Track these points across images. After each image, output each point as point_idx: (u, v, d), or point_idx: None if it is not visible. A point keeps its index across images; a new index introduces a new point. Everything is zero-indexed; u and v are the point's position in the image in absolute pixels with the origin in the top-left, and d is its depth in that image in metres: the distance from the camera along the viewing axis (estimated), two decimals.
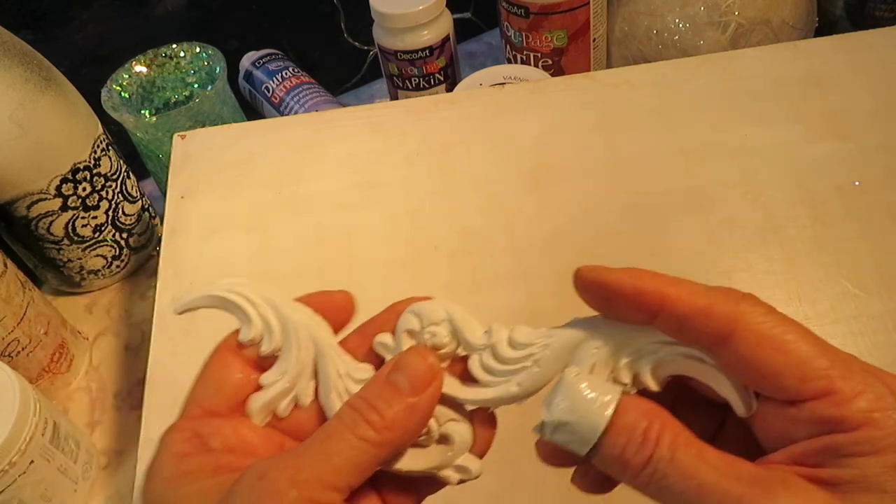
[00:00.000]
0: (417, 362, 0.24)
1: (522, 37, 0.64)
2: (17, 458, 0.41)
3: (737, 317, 0.21)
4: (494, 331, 0.25)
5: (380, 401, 0.23)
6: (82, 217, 0.55)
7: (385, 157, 0.49)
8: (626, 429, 0.21)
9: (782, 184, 0.45)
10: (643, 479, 0.21)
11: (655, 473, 0.21)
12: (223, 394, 0.25)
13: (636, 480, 0.21)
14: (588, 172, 0.47)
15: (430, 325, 0.25)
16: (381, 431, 0.22)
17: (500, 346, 0.25)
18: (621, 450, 0.21)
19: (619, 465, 0.21)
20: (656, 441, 0.21)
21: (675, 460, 0.21)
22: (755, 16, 0.60)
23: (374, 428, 0.22)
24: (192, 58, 0.62)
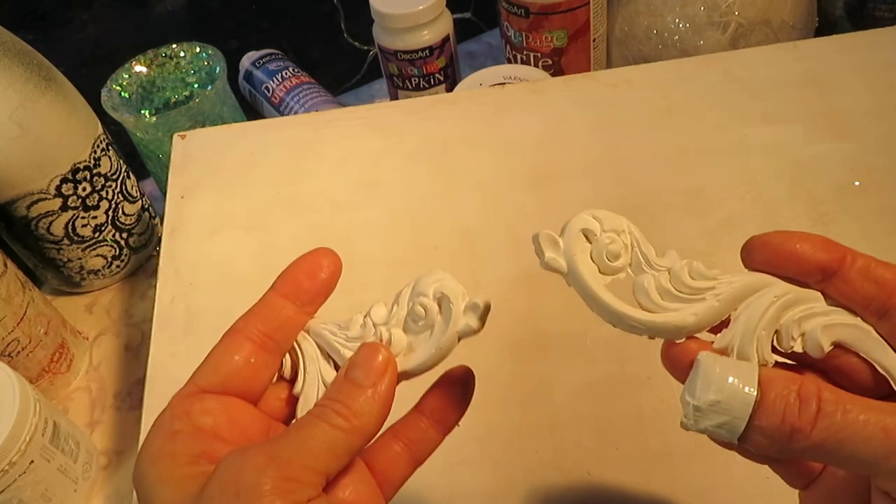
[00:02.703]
0: (370, 358, 0.25)
1: (522, 37, 0.64)
2: (17, 458, 0.41)
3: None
4: (672, 256, 0.24)
5: (341, 394, 0.24)
6: (82, 217, 0.55)
7: (385, 157, 0.49)
8: (780, 394, 0.21)
9: (782, 184, 0.45)
10: (816, 438, 0.20)
11: (831, 427, 0.20)
12: (219, 372, 0.25)
13: (808, 441, 0.21)
14: (588, 172, 0.47)
15: (610, 231, 0.25)
16: (349, 419, 0.23)
17: (681, 271, 0.24)
18: (782, 416, 0.21)
19: (784, 431, 0.21)
20: (817, 397, 0.21)
21: (848, 411, 0.20)
22: (755, 16, 0.60)
23: (343, 416, 0.23)
24: (192, 58, 0.62)
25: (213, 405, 0.25)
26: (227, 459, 0.22)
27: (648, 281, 0.24)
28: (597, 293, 0.24)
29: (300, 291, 0.27)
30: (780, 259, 0.24)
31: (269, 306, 0.27)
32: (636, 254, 0.25)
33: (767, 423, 0.21)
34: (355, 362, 0.25)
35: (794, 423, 0.21)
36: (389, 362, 0.25)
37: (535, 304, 0.42)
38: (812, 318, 0.23)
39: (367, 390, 0.24)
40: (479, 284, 0.43)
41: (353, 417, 0.23)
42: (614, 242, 0.24)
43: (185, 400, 0.25)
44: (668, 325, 0.24)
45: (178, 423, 0.24)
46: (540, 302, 0.42)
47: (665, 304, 0.24)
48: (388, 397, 0.25)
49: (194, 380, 0.25)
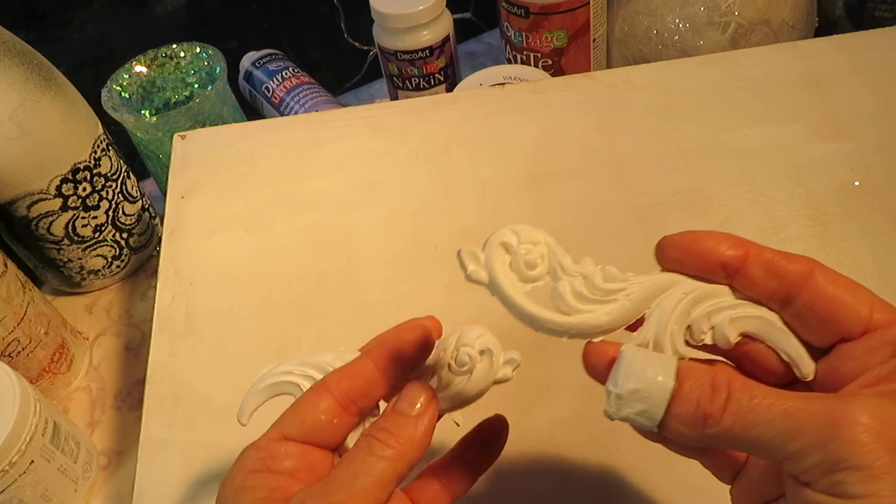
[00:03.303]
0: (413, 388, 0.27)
1: (522, 37, 0.64)
2: (17, 458, 0.41)
3: (814, 264, 0.24)
4: (587, 263, 0.26)
5: (388, 423, 0.26)
6: (82, 217, 0.55)
7: (385, 157, 0.49)
8: (696, 384, 0.23)
9: (782, 184, 0.45)
10: (726, 423, 0.22)
11: (739, 412, 0.22)
12: (304, 427, 0.27)
13: (718, 427, 0.22)
14: (588, 172, 0.47)
15: (526, 243, 0.26)
16: (394, 446, 0.25)
17: (594, 276, 0.25)
18: (696, 403, 0.22)
19: (698, 418, 0.22)
20: (728, 385, 0.22)
21: (755, 397, 0.22)
22: (755, 16, 0.60)
23: (388, 445, 0.25)
24: (192, 58, 0.62)
25: (294, 451, 0.27)
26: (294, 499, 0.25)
27: (564, 286, 0.26)
28: (515, 300, 0.26)
29: (391, 368, 0.28)
30: (689, 257, 0.26)
31: (361, 373, 0.28)
32: (553, 262, 0.26)
33: (683, 410, 0.23)
34: (401, 396, 0.27)
35: (707, 409, 0.22)
36: (433, 397, 0.27)
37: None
38: (720, 311, 0.25)
39: (411, 418, 0.26)
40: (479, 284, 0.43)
41: (398, 444, 0.25)
42: (530, 253, 0.26)
43: (270, 443, 0.27)
44: (582, 325, 0.25)
45: (258, 464, 0.26)
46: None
47: (580, 306, 0.25)
48: (431, 427, 0.27)
49: (280, 426, 0.27)
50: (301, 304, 0.43)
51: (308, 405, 0.27)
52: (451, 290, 0.43)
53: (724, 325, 0.25)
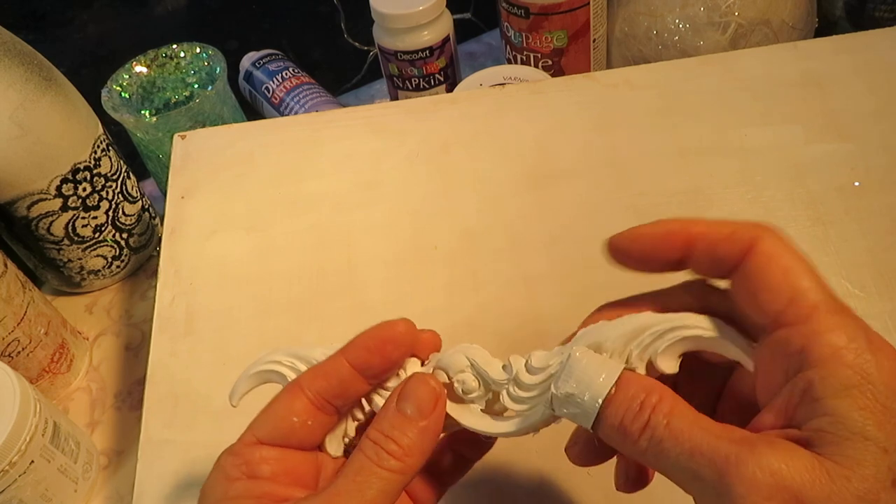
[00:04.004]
0: (421, 389, 0.26)
1: (522, 37, 0.64)
2: (17, 459, 0.41)
3: (755, 240, 0.23)
4: (512, 362, 0.27)
5: (395, 431, 0.25)
6: (82, 217, 0.55)
7: (385, 157, 0.49)
8: (625, 399, 0.23)
9: (782, 184, 0.45)
10: (641, 445, 0.22)
11: (653, 438, 0.22)
12: (277, 430, 0.26)
13: (635, 447, 0.22)
14: (588, 173, 0.47)
15: (457, 374, 0.27)
16: (401, 459, 0.25)
17: (520, 375, 0.26)
18: (621, 419, 0.23)
19: (619, 433, 0.23)
20: (653, 409, 0.22)
21: (671, 426, 0.22)
22: (755, 16, 0.60)
23: (396, 457, 0.25)
24: (192, 58, 0.62)
25: (271, 455, 0.26)
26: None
27: (504, 397, 0.27)
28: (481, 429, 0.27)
29: (369, 367, 0.27)
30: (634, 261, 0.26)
31: (335, 372, 0.27)
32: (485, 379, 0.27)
33: (608, 423, 0.23)
34: (406, 393, 0.26)
35: (626, 427, 0.23)
36: (441, 395, 0.26)
37: (534, 304, 0.42)
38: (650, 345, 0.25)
39: (418, 424, 0.25)
40: (479, 284, 0.43)
41: (406, 457, 0.25)
42: (465, 383, 0.27)
43: (245, 448, 0.26)
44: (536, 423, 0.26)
45: (237, 471, 0.25)
46: (539, 302, 0.42)
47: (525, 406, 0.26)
48: (438, 432, 0.26)
49: (253, 430, 0.26)
50: (301, 304, 0.43)
51: (280, 407, 0.27)
52: (451, 291, 0.43)
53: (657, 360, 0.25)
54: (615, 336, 0.25)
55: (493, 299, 0.43)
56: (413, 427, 0.25)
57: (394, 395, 0.26)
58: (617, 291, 0.28)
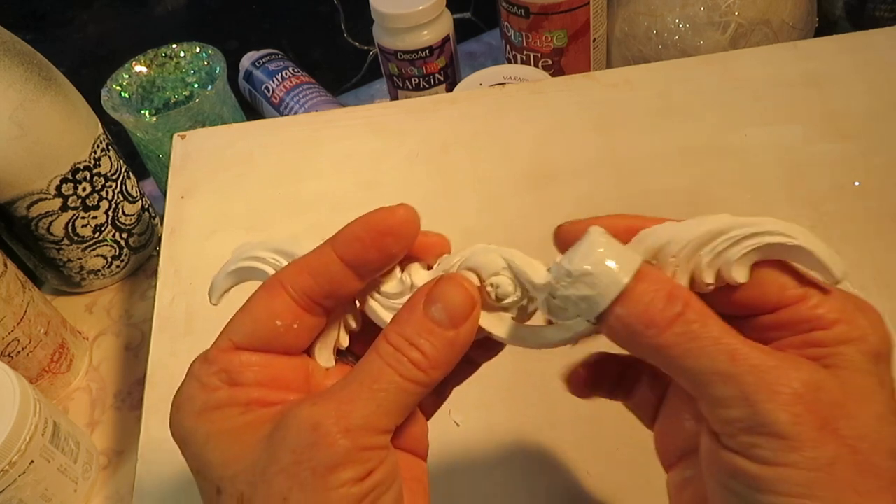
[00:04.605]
0: (455, 292, 0.23)
1: (522, 37, 0.64)
2: (17, 458, 0.41)
3: None
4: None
5: (420, 338, 0.22)
6: (82, 217, 0.55)
7: (385, 157, 0.49)
8: (652, 287, 0.21)
9: (782, 184, 0.45)
10: (668, 337, 0.20)
11: (686, 333, 0.20)
12: (256, 336, 0.23)
13: (658, 339, 0.20)
14: (588, 172, 0.47)
15: (491, 277, 0.24)
16: (426, 371, 0.22)
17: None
18: (645, 306, 0.20)
19: (641, 322, 0.20)
20: (685, 301, 0.21)
21: (708, 325, 0.20)
22: (755, 16, 0.60)
23: (420, 367, 0.22)
24: (192, 58, 0.62)
25: (254, 360, 0.23)
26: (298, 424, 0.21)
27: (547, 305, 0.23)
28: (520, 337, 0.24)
29: (363, 262, 0.23)
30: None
31: (324, 268, 0.23)
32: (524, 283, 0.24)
33: (629, 310, 0.21)
34: (436, 295, 0.22)
35: (654, 316, 0.20)
36: (477, 302, 0.23)
37: None
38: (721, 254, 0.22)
39: (447, 333, 0.22)
40: None
41: (431, 369, 0.22)
42: (499, 287, 0.23)
43: (220, 355, 0.23)
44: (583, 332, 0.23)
45: (215, 379, 0.22)
46: None
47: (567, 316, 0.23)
48: (469, 343, 0.23)
49: (229, 335, 0.23)
50: None
51: (260, 308, 0.23)
52: None
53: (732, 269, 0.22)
54: (686, 238, 0.22)
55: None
56: (442, 336, 0.22)
57: (420, 294, 0.23)
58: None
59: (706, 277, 0.22)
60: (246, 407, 0.22)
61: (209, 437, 0.22)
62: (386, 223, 0.23)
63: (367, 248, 0.23)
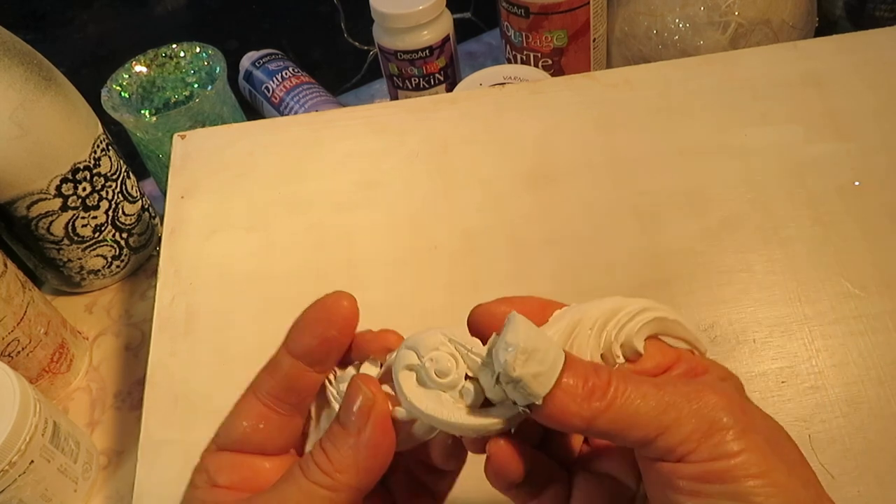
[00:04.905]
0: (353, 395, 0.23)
1: (522, 37, 0.64)
2: (17, 458, 0.41)
3: None
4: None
5: (328, 443, 0.23)
6: (82, 217, 0.55)
7: (385, 157, 0.49)
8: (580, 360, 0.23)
9: (782, 184, 0.45)
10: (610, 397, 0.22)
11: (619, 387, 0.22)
12: (230, 437, 0.25)
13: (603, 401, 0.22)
14: (588, 172, 0.47)
15: (429, 352, 0.23)
16: (330, 474, 0.22)
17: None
18: (584, 376, 0.22)
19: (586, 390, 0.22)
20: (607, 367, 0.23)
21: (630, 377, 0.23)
22: (755, 16, 0.60)
23: (324, 471, 0.22)
24: (192, 58, 0.62)
25: (227, 462, 0.25)
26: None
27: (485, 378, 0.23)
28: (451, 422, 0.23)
29: (309, 353, 0.25)
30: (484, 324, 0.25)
31: (278, 367, 0.25)
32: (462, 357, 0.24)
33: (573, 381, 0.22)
34: (344, 401, 0.24)
35: (594, 381, 0.22)
36: (374, 402, 0.23)
37: None
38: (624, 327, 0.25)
39: (350, 438, 0.23)
40: (479, 284, 0.43)
41: (336, 473, 0.22)
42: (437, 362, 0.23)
43: (207, 457, 0.25)
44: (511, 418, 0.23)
45: (198, 478, 0.25)
46: None
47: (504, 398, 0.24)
48: (378, 447, 0.23)
49: (215, 438, 0.25)
50: (301, 305, 0.43)
51: (234, 412, 0.25)
52: (451, 291, 0.43)
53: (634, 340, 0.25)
54: (596, 315, 0.25)
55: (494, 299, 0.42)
56: (345, 441, 0.23)
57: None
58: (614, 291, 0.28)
59: (615, 350, 0.25)
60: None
61: None
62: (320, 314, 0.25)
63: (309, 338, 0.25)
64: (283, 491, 0.23)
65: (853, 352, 0.39)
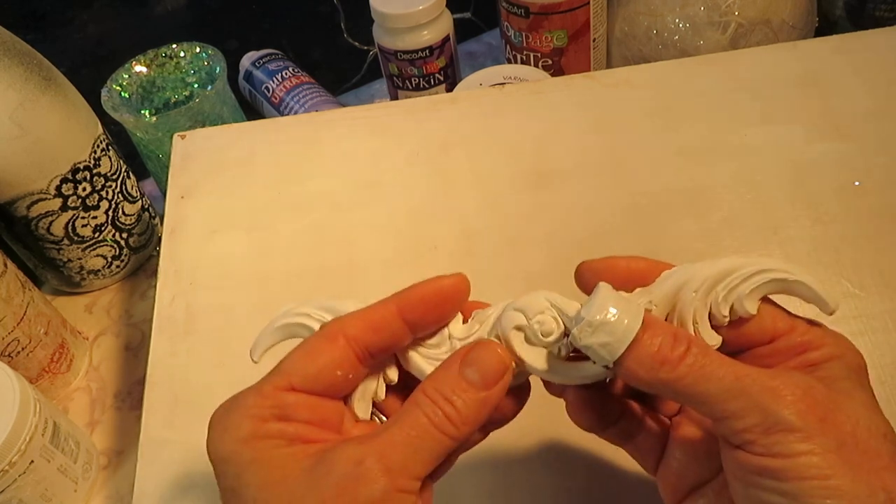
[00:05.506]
0: (489, 357, 0.25)
1: (522, 37, 0.64)
2: (17, 458, 0.41)
3: None
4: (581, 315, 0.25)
5: (454, 395, 0.24)
6: (82, 217, 0.55)
7: (385, 157, 0.49)
8: (659, 331, 0.24)
9: (782, 184, 0.45)
10: (680, 371, 0.23)
11: (693, 364, 0.23)
12: (317, 381, 0.25)
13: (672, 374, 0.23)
14: (588, 172, 0.47)
15: (536, 315, 0.26)
16: (458, 426, 0.24)
17: None
18: (657, 347, 0.24)
19: (655, 361, 0.24)
20: (688, 340, 0.24)
21: (708, 355, 0.24)
22: (755, 16, 0.60)
23: (453, 422, 0.24)
24: (192, 58, 0.62)
25: (309, 402, 0.25)
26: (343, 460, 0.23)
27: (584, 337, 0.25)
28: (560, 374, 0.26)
29: (422, 322, 0.26)
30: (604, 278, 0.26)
31: (387, 324, 0.26)
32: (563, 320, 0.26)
33: (643, 352, 0.24)
34: (472, 359, 0.25)
35: (666, 354, 0.24)
36: (508, 368, 0.25)
37: None
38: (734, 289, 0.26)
39: (479, 393, 0.24)
40: (479, 284, 0.43)
41: (463, 425, 0.24)
42: (543, 324, 0.26)
43: (276, 392, 0.24)
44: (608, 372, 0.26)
45: (269, 412, 0.24)
46: None
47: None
48: (497, 404, 0.25)
49: (288, 373, 0.25)
50: None
51: (323, 357, 0.25)
52: None
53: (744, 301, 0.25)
54: (704, 276, 0.25)
55: (493, 299, 0.42)
56: (474, 395, 0.24)
57: (457, 356, 0.25)
58: None
59: (723, 310, 0.25)
60: (290, 441, 0.24)
61: (252, 462, 0.23)
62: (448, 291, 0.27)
63: (430, 310, 0.26)
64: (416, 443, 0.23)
65: None
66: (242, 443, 0.24)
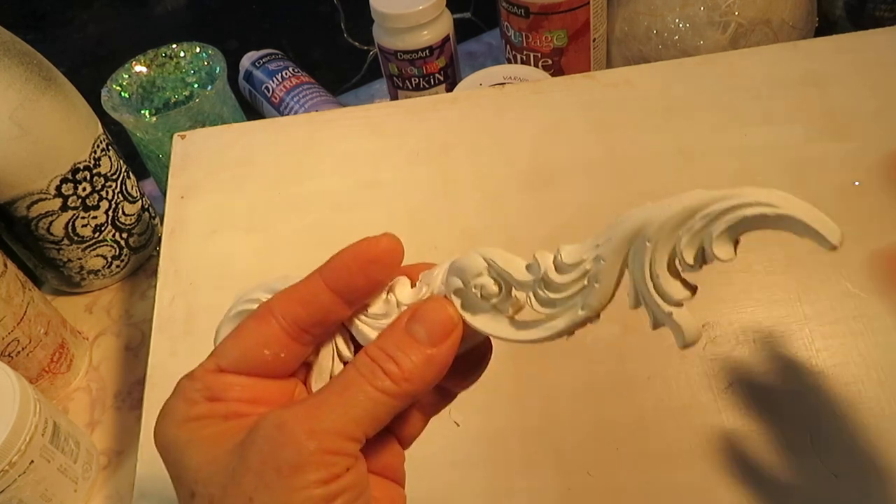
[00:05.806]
0: (437, 313, 0.24)
1: (522, 37, 0.64)
2: (17, 458, 0.41)
3: None
4: (539, 259, 0.23)
5: (398, 352, 0.23)
6: (82, 217, 0.55)
7: (385, 157, 0.49)
8: None
9: (782, 184, 0.44)
10: None
11: None
12: (244, 362, 0.24)
13: None
14: (588, 172, 0.47)
15: (474, 278, 0.24)
16: (399, 383, 0.22)
17: (549, 274, 0.23)
18: None
19: None
20: None
21: None
22: (755, 16, 0.60)
23: (393, 379, 0.22)
24: (192, 58, 0.62)
25: (234, 382, 0.24)
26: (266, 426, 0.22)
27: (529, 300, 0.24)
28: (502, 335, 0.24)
29: (351, 289, 0.24)
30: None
31: (313, 297, 0.24)
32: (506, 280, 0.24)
33: None
34: (419, 315, 0.24)
35: None
36: (458, 323, 0.24)
37: None
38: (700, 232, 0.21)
39: (426, 350, 0.23)
40: None
41: (404, 381, 0.22)
42: (484, 287, 0.24)
43: (206, 375, 0.24)
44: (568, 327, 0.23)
45: (197, 395, 0.23)
46: None
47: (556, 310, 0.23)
48: (447, 363, 0.23)
49: (216, 358, 0.24)
50: None
51: (250, 336, 0.24)
52: None
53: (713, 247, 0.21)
54: (661, 220, 0.21)
55: None
56: (420, 352, 0.23)
57: (404, 314, 0.24)
58: None
59: (687, 258, 0.21)
60: (224, 418, 0.23)
61: (188, 443, 0.23)
62: (372, 252, 0.25)
63: (355, 275, 0.24)
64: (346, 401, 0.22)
65: (853, 352, 0.39)
66: (178, 426, 0.23)
